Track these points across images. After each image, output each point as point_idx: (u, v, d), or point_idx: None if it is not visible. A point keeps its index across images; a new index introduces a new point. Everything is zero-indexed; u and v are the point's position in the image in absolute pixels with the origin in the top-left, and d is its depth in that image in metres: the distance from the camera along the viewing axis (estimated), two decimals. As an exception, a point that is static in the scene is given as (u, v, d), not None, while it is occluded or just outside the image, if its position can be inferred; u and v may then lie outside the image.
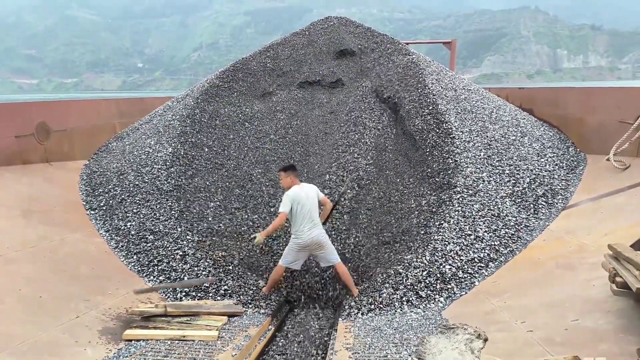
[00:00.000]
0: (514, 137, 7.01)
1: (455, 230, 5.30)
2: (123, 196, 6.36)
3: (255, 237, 5.21)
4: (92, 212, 6.35)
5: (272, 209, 6.85)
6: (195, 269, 5.21)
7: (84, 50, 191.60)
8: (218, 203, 6.52)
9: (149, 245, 5.55)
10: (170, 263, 5.29)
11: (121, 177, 6.75)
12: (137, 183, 6.45)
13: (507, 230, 5.40)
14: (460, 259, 5.03)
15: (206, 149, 7.28)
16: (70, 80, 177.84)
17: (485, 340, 2.85)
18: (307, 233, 5.09)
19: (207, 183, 6.76)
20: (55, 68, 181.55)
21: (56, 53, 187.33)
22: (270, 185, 7.23)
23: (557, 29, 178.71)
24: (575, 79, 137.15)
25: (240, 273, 5.45)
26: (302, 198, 5.10)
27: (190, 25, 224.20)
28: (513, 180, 6.10)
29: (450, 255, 5.05)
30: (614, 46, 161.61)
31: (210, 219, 6.20)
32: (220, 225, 6.19)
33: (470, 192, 5.73)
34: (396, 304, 4.77)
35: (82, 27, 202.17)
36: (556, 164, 6.75)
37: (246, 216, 6.58)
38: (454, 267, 4.96)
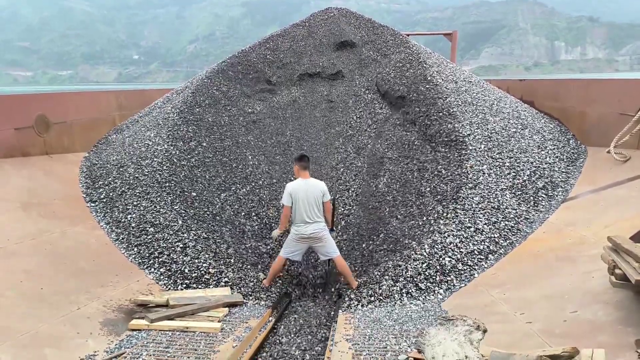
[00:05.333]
0: (514, 130, 7.00)
1: (454, 222, 5.31)
2: (123, 189, 6.34)
3: (272, 236, 5.78)
4: (93, 204, 6.34)
5: (270, 199, 6.87)
6: (196, 261, 5.22)
7: (79, 42, 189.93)
8: (217, 195, 6.52)
9: (149, 237, 5.55)
10: (171, 255, 5.29)
11: (121, 169, 6.72)
12: (137, 175, 6.43)
13: (507, 222, 5.42)
14: (460, 251, 5.05)
15: (205, 142, 7.25)
16: (66, 72, 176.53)
17: (485, 331, 2.88)
18: (303, 227, 5.12)
19: (207, 175, 6.74)
20: (51, 60, 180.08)
21: (51, 45, 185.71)
22: (268, 176, 7.23)
23: (554, 20, 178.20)
24: (573, 71, 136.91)
25: (240, 265, 5.46)
26: (299, 192, 5.09)
27: (187, 17, 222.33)
28: (513, 172, 6.11)
29: (450, 248, 5.07)
30: (612, 38, 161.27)
31: (210, 210, 6.20)
32: (222, 216, 6.19)
33: (470, 184, 5.73)
34: (396, 295, 4.79)
35: (77, 19, 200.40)
36: (557, 157, 6.76)
37: (247, 208, 6.58)
38: (453, 259, 4.98)
